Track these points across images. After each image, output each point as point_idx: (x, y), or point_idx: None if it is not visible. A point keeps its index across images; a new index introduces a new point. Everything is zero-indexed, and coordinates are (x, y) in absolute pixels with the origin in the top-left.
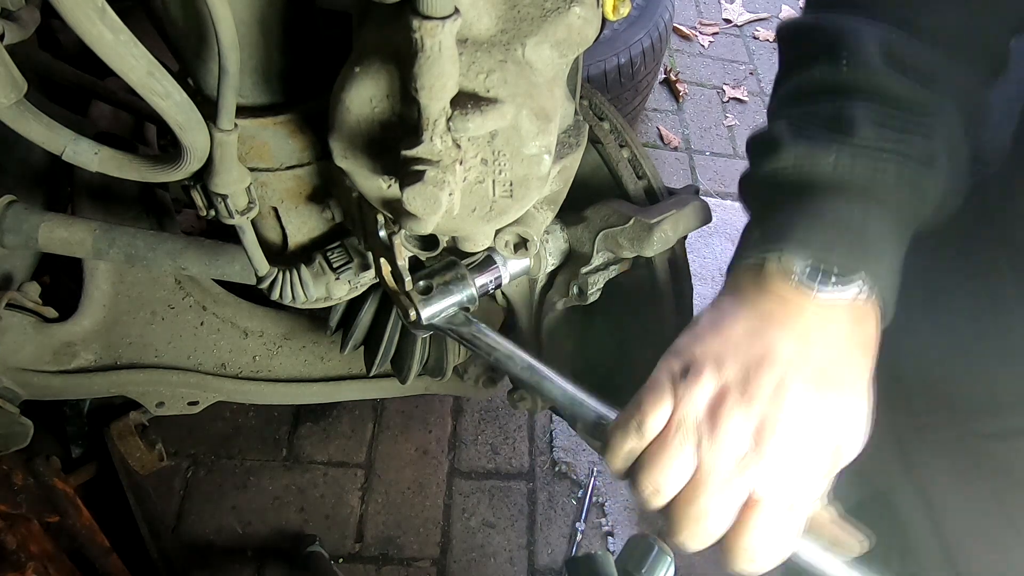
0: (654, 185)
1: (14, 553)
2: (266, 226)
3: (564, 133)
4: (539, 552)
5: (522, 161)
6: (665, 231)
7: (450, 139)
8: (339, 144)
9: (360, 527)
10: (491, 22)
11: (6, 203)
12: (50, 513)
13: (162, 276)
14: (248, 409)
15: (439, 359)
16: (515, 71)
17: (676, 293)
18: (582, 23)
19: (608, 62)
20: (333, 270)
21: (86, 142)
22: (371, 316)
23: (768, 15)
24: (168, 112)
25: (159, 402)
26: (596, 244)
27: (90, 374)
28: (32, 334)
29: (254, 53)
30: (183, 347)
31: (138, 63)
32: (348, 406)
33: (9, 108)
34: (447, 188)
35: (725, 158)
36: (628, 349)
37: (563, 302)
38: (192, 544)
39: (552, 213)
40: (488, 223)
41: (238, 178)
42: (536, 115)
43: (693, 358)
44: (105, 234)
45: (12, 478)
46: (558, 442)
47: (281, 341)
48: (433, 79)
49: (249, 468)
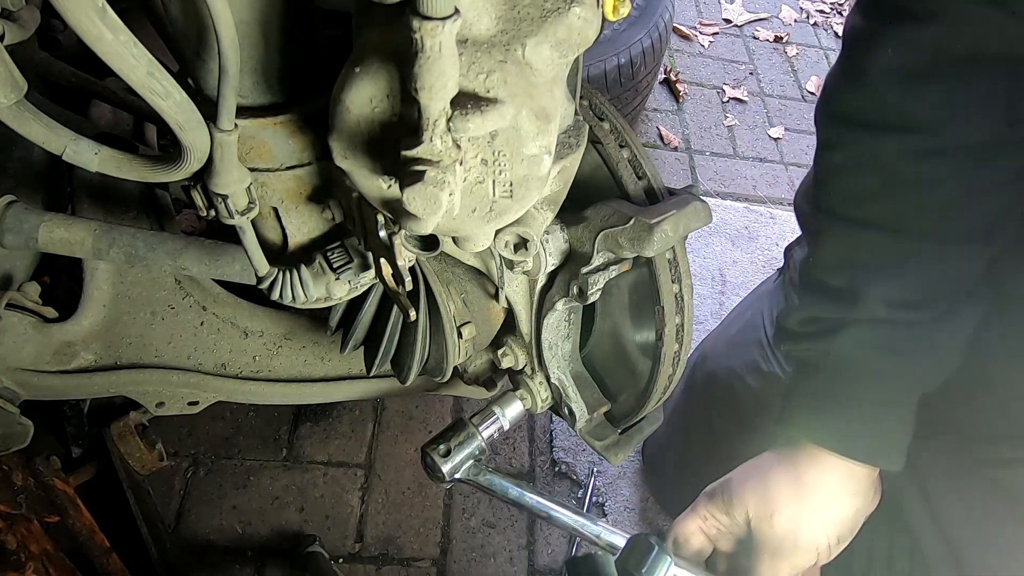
0: (654, 185)
1: (14, 553)
2: (266, 226)
3: (564, 133)
4: (539, 552)
5: (522, 161)
6: (666, 231)
7: (450, 139)
8: (339, 144)
9: (360, 527)
10: (491, 22)
11: (6, 203)
12: (50, 513)
13: (162, 276)
14: (248, 409)
15: (439, 359)
16: (515, 71)
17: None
18: (582, 23)
19: (608, 62)
20: (333, 270)
21: (86, 142)
22: (371, 316)
23: (768, 15)
24: (168, 112)
25: (159, 402)
26: (596, 244)
27: (90, 374)
28: (32, 334)
29: (254, 53)
30: (183, 347)
31: (138, 63)
32: (348, 406)
33: (9, 108)
34: (447, 188)
35: (725, 158)
36: (627, 350)
37: (563, 302)
38: (192, 544)
39: (552, 213)
40: (488, 223)
41: (238, 178)
42: (536, 115)
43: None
44: (105, 234)
45: (12, 478)
46: (558, 442)
47: (281, 341)
48: (433, 79)
49: (249, 468)
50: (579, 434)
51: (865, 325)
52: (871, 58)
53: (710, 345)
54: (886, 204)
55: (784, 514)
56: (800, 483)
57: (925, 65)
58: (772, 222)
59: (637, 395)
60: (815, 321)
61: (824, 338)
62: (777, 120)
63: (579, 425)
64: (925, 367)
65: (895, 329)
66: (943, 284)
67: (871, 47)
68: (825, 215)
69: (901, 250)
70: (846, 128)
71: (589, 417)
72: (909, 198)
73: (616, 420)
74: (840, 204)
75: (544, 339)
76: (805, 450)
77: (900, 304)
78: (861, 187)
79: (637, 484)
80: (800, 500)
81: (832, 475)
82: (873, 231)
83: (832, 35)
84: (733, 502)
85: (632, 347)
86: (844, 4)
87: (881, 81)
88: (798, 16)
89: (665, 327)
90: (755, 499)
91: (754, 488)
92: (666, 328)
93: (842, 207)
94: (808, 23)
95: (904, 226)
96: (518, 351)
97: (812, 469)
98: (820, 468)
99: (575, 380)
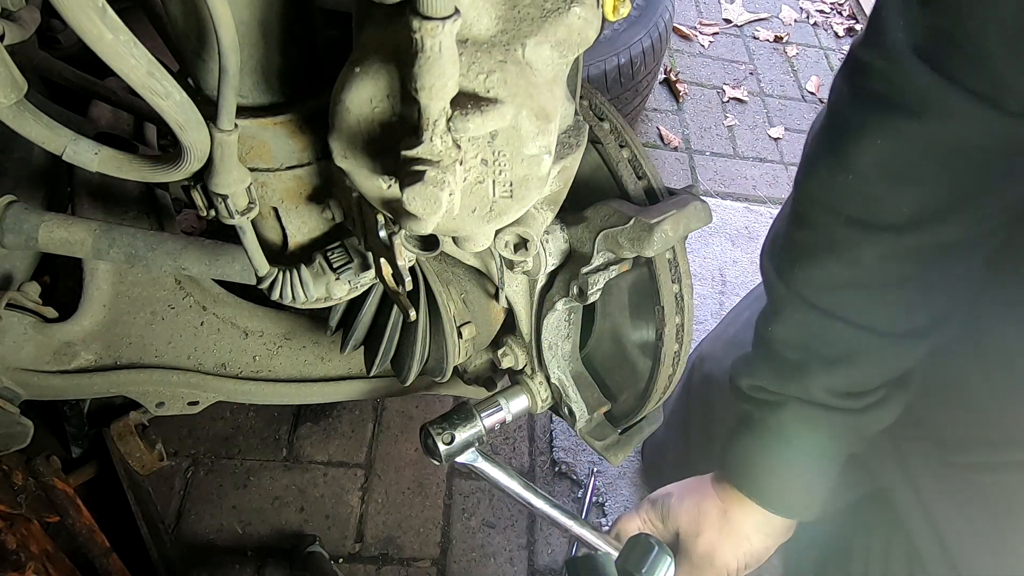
0: (654, 185)
1: (14, 553)
2: (266, 226)
3: (564, 133)
4: (539, 552)
5: (522, 161)
6: (666, 231)
7: (450, 139)
8: (339, 144)
9: (360, 527)
10: (491, 22)
11: (6, 203)
12: (50, 513)
13: (162, 276)
14: (248, 409)
15: (439, 359)
16: (515, 71)
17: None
18: (582, 23)
19: (608, 62)
20: (333, 270)
21: (86, 142)
22: (371, 316)
23: (768, 15)
24: (168, 112)
25: (159, 402)
26: (596, 244)
27: (90, 374)
28: (32, 334)
29: (254, 53)
30: (183, 347)
31: (138, 63)
32: (348, 406)
33: (9, 108)
34: (447, 188)
35: (725, 158)
36: (627, 350)
37: (563, 302)
38: (192, 544)
39: (552, 213)
40: (488, 223)
41: (238, 178)
42: (536, 115)
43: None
44: (105, 234)
45: (12, 478)
46: (558, 442)
47: (281, 341)
48: (433, 79)
49: (249, 468)
50: (579, 434)
51: (806, 406)
52: (858, 147)
53: (708, 347)
54: (850, 297)
55: (706, 537)
56: (725, 518)
57: (911, 160)
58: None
59: (637, 395)
60: (762, 390)
61: (766, 409)
62: (777, 120)
63: (579, 425)
64: (852, 444)
65: (831, 415)
66: (884, 375)
67: (860, 136)
68: (788, 291)
69: (854, 343)
70: (824, 213)
71: (589, 417)
72: (873, 295)
73: (616, 420)
74: (804, 286)
75: (544, 339)
76: (735, 491)
77: (842, 393)
78: (828, 276)
79: (637, 484)
80: (721, 531)
81: (751, 519)
82: (832, 321)
83: (832, 35)
84: (669, 515)
85: (632, 347)
86: (844, 4)
87: (867, 174)
88: (798, 16)
89: (665, 327)
90: (687, 519)
91: (688, 510)
92: (666, 328)
93: (806, 289)
94: (808, 23)
95: (863, 321)
96: (518, 351)
97: (736, 509)
98: (743, 511)
99: (575, 380)
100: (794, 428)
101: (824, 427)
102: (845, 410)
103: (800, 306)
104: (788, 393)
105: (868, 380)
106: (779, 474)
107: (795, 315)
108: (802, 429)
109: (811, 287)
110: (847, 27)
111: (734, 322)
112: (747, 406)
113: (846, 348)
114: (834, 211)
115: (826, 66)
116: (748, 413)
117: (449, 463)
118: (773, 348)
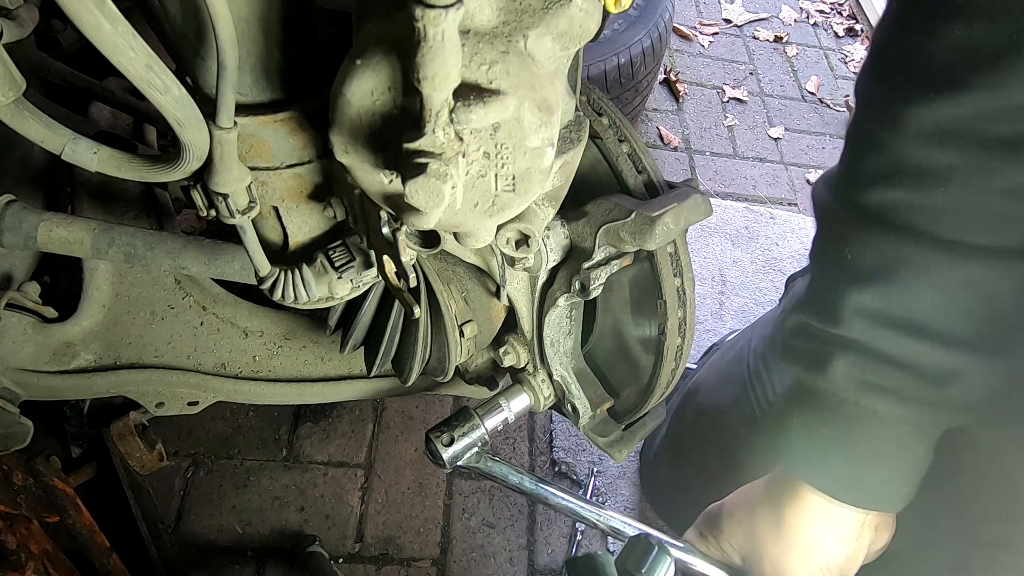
0: (654, 179)
1: (14, 553)
2: (267, 225)
3: (565, 128)
4: (539, 552)
5: (525, 154)
6: (667, 224)
7: (452, 131)
8: (340, 139)
9: (360, 527)
10: (493, 13)
11: (5, 202)
12: (50, 513)
13: (162, 276)
14: (248, 409)
15: (441, 358)
16: (517, 63)
17: (678, 287)
18: (584, 15)
19: (608, 62)
20: (335, 269)
21: (85, 141)
22: (371, 316)
23: (768, 15)
24: (166, 107)
25: (159, 402)
26: (598, 239)
27: (90, 374)
28: (32, 334)
29: (253, 50)
30: (183, 347)
31: (136, 55)
32: (348, 406)
33: (7, 106)
34: (450, 181)
35: (725, 158)
36: (629, 346)
37: (565, 298)
38: (192, 544)
39: (554, 210)
40: (490, 218)
41: (238, 177)
42: (539, 107)
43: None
44: (104, 233)
45: (12, 478)
46: (558, 442)
47: (281, 341)
48: (436, 69)
49: (249, 468)
50: (582, 431)
51: (851, 355)
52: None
53: (702, 377)
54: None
55: (768, 556)
56: (782, 527)
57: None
58: (772, 222)
59: (640, 390)
60: (804, 332)
61: (814, 366)
62: (777, 120)
63: (582, 422)
64: (923, 412)
65: (889, 371)
66: (948, 312)
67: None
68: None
69: (918, 258)
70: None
71: (592, 414)
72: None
73: (619, 416)
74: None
75: (546, 336)
76: (790, 486)
77: (898, 325)
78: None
79: (637, 484)
80: (781, 545)
81: (815, 519)
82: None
83: (832, 35)
84: (723, 536)
85: (634, 342)
86: (844, 4)
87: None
88: (798, 16)
89: (668, 321)
90: (741, 537)
91: (740, 523)
92: (668, 322)
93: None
94: (808, 23)
95: (945, 234)
96: (520, 349)
97: (794, 511)
98: (800, 513)
99: (578, 377)
100: (852, 393)
101: (885, 383)
102: (902, 364)
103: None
104: (829, 332)
105: (930, 317)
106: (841, 453)
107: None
108: (863, 394)
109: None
110: (847, 27)
111: (727, 352)
112: (796, 367)
113: (907, 263)
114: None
115: (826, 66)
116: (796, 383)
117: (454, 467)
118: (818, 265)
